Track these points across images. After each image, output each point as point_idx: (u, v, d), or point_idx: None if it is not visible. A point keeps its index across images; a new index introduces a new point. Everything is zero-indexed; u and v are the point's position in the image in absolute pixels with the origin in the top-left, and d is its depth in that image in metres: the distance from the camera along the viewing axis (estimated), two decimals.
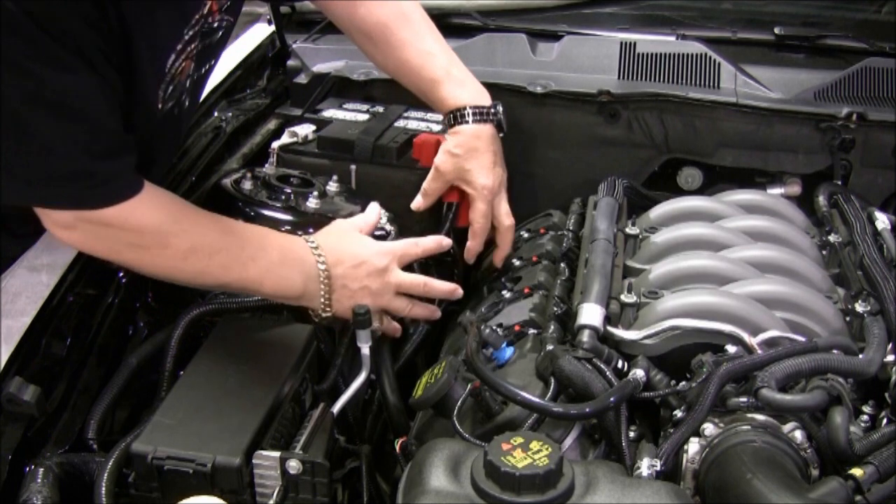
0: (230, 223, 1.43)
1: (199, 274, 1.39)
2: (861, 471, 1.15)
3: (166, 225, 1.33)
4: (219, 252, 1.37)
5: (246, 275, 1.40)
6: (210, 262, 1.37)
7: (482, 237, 1.76)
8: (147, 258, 1.35)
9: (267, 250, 1.42)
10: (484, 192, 1.71)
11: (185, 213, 1.38)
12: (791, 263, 1.55)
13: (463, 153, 1.70)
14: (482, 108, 1.71)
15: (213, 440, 1.25)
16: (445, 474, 1.11)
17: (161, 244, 1.33)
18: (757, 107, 1.94)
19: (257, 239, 1.43)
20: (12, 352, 1.32)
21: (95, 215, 1.28)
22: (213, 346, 1.45)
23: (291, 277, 1.44)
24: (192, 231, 1.36)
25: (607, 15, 2.30)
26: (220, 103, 1.99)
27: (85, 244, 1.36)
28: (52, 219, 1.30)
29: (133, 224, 1.31)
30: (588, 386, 1.28)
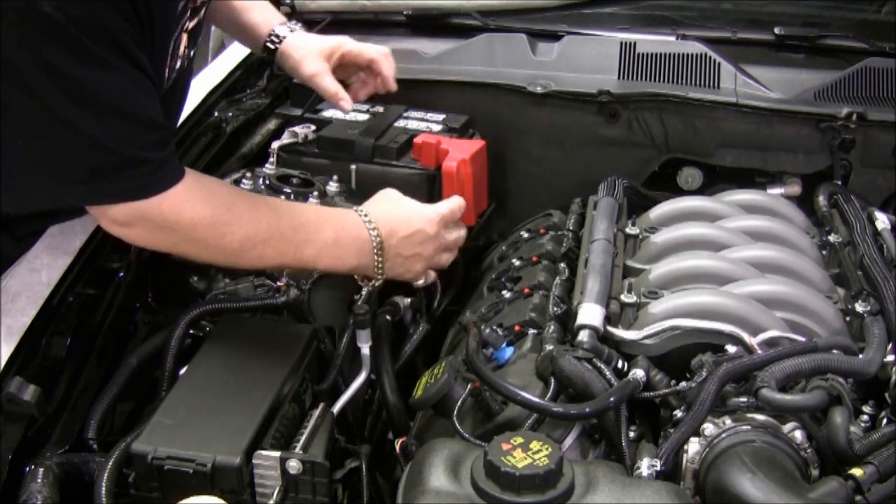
0: (281, 205, 1.47)
1: (256, 260, 1.42)
2: (861, 471, 1.15)
3: (219, 215, 1.35)
4: (273, 238, 1.40)
5: (301, 256, 1.44)
6: (265, 249, 1.39)
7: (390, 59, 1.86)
8: (205, 250, 1.37)
9: (320, 231, 1.45)
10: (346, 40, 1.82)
11: (237, 200, 1.39)
12: (791, 263, 1.55)
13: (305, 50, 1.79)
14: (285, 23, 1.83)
15: (213, 440, 1.25)
16: (445, 474, 1.11)
17: (217, 235, 1.35)
18: (757, 107, 1.94)
19: (310, 220, 1.45)
20: (12, 352, 1.32)
21: (151, 211, 1.29)
22: (213, 346, 1.45)
23: (346, 255, 1.48)
24: (245, 219, 1.37)
25: (607, 15, 2.30)
26: (220, 103, 1.99)
27: (145, 240, 1.37)
28: (110, 217, 1.30)
29: (188, 217, 1.32)
30: (588, 386, 1.28)
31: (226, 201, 1.37)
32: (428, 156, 1.81)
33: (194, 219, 1.32)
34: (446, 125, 1.94)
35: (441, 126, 1.93)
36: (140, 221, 1.30)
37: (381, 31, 2.26)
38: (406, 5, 2.26)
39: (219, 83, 2.00)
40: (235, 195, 1.42)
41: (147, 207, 1.28)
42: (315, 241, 1.43)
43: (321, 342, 1.54)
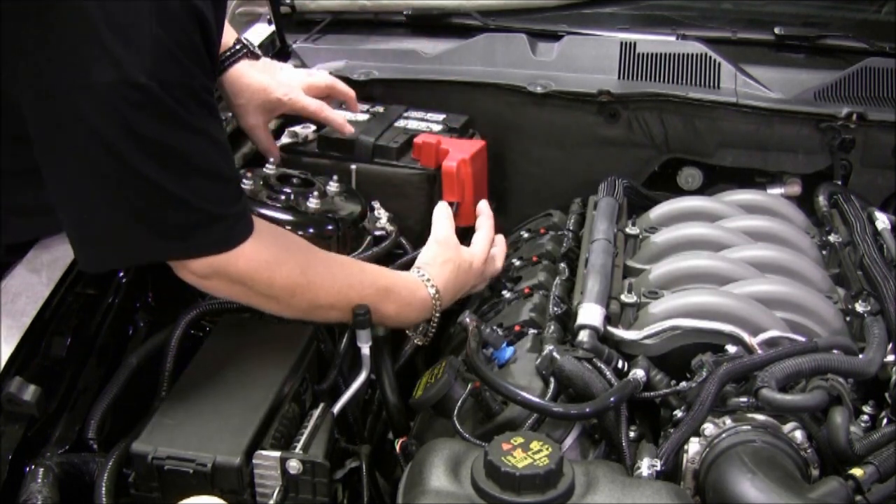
0: (353, 271, 1.47)
1: (322, 318, 1.45)
2: (861, 471, 1.15)
3: (294, 278, 1.36)
4: (340, 303, 1.42)
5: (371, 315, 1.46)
6: (330, 313, 1.43)
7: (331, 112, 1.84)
8: (276, 305, 1.39)
9: (385, 303, 1.46)
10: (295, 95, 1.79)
11: (311, 262, 1.40)
12: (791, 263, 1.55)
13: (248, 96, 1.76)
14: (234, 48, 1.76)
15: (213, 440, 1.25)
16: (445, 474, 1.11)
17: (289, 295, 1.37)
18: (757, 107, 1.94)
19: (378, 291, 1.46)
20: (12, 352, 1.32)
21: (229, 267, 1.30)
22: (213, 346, 1.45)
23: (407, 322, 1.54)
24: (317, 283, 1.39)
25: (607, 15, 2.30)
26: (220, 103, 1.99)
27: (222, 291, 1.39)
28: (189, 269, 1.31)
29: (265, 277, 1.33)
30: (588, 386, 1.28)
31: (300, 263, 1.38)
32: (428, 156, 1.81)
33: (269, 278, 1.34)
34: (446, 125, 1.94)
35: (441, 126, 1.93)
36: (218, 275, 1.31)
37: (381, 31, 2.26)
38: (406, 5, 2.26)
39: None
40: (310, 256, 1.42)
41: (225, 263, 1.29)
42: (378, 311, 1.45)
43: (321, 342, 1.54)
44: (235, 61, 1.76)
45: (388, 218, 1.76)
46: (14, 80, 1.18)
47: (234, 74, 1.76)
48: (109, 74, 1.12)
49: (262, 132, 1.81)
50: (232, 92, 1.77)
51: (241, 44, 1.78)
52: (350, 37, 2.19)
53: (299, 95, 1.81)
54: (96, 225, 1.24)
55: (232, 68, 1.76)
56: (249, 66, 1.77)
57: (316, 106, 1.82)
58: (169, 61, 1.16)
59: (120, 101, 1.13)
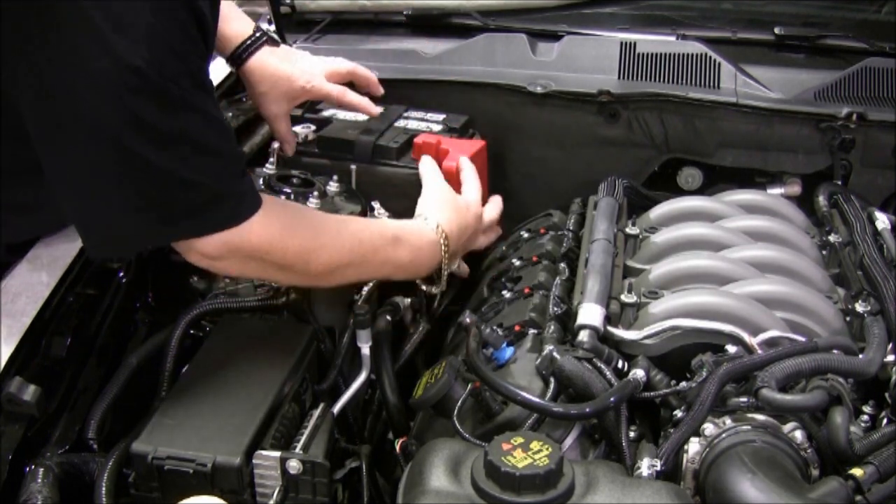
0: (361, 227, 1.50)
1: (339, 280, 1.47)
2: (861, 471, 1.15)
3: (306, 243, 1.38)
4: (355, 261, 1.45)
5: (380, 274, 1.55)
6: (347, 271, 1.45)
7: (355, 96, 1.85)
8: (292, 276, 1.41)
9: (398, 251, 1.51)
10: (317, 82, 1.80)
11: (321, 225, 1.43)
12: (791, 263, 1.55)
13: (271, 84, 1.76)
14: (250, 38, 1.75)
15: (213, 440, 1.25)
16: (445, 474, 1.11)
17: (304, 262, 1.38)
18: (757, 107, 1.94)
19: (388, 241, 1.51)
20: (12, 352, 1.32)
21: (241, 242, 1.30)
22: (213, 346, 1.45)
23: (421, 269, 1.58)
24: (329, 245, 1.41)
25: (607, 15, 2.30)
26: (221, 103, 1.99)
27: (235, 270, 1.41)
28: (199, 251, 1.31)
29: (278, 247, 1.35)
30: (588, 386, 1.28)
31: (311, 227, 1.41)
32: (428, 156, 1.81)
33: (283, 248, 1.35)
34: (446, 125, 1.94)
35: (441, 126, 1.93)
36: (230, 253, 1.31)
37: (381, 31, 2.26)
38: (406, 5, 2.26)
39: (219, 83, 2.00)
40: (318, 220, 1.46)
41: (237, 238, 1.30)
42: (392, 260, 1.50)
43: (321, 342, 1.54)
44: (256, 49, 1.76)
45: (388, 218, 1.76)
46: (14, 80, 1.18)
47: (255, 62, 1.76)
48: (107, 61, 1.13)
49: (283, 121, 1.82)
50: (254, 80, 1.77)
51: (261, 31, 1.78)
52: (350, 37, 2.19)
53: (322, 83, 1.82)
54: (102, 213, 1.24)
55: (253, 56, 1.76)
56: (270, 53, 1.77)
57: (338, 92, 1.83)
58: (165, 46, 1.16)
59: (119, 87, 1.14)
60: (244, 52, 1.75)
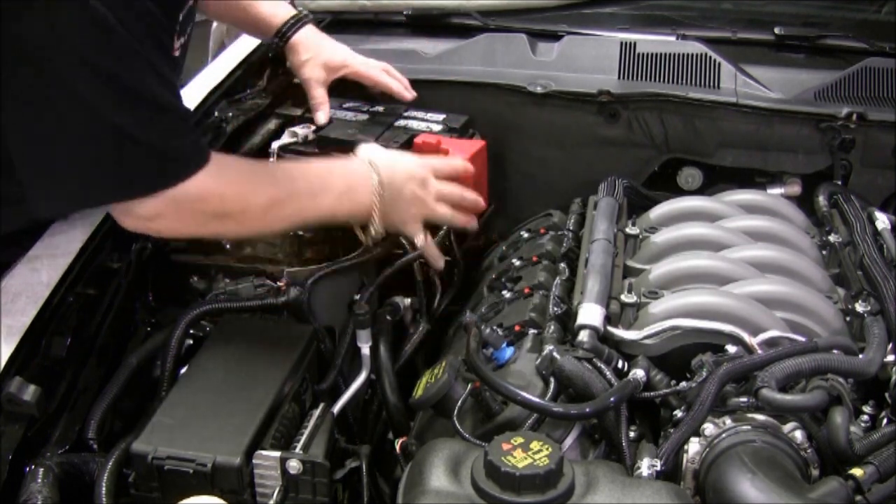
0: (292, 166, 1.55)
1: (279, 222, 1.48)
2: (861, 471, 1.15)
3: (241, 185, 1.40)
4: (291, 198, 1.45)
5: (320, 209, 1.50)
6: (285, 210, 1.45)
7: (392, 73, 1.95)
8: (232, 224, 1.42)
9: (333, 182, 1.52)
10: (358, 60, 1.91)
11: (252, 169, 1.46)
12: (791, 263, 1.55)
13: (314, 52, 1.88)
14: (298, 14, 1.91)
15: (213, 440, 1.25)
16: (445, 474, 1.11)
17: (242, 206, 1.40)
18: (757, 107, 1.94)
19: (321, 174, 1.54)
20: (12, 352, 1.32)
21: (179, 196, 1.31)
22: (213, 346, 1.45)
23: (359, 198, 1.54)
24: (265, 185, 1.43)
25: (607, 15, 2.30)
26: (221, 103, 1.99)
27: (173, 229, 1.40)
28: (137, 214, 1.32)
29: (216, 191, 1.36)
30: (588, 386, 1.28)
31: (243, 171, 1.43)
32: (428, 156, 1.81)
33: (220, 194, 1.36)
34: (446, 125, 1.94)
35: (441, 126, 1.93)
36: (168, 210, 1.32)
37: (381, 31, 2.26)
38: (406, 5, 2.26)
39: (219, 83, 2.00)
40: (248, 164, 1.49)
41: (178, 193, 1.31)
42: (330, 191, 1.50)
43: (321, 342, 1.54)
44: (303, 25, 1.89)
45: None
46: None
47: (301, 35, 1.89)
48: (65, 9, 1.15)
49: (320, 86, 1.88)
50: (298, 49, 1.88)
51: (307, 13, 1.93)
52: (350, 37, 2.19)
53: (361, 61, 1.92)
54: (46, 168, 1.25)
55: (301, 30, 1.89)
56: (315, 30, 1.92)
57: (376, 72, 1.91)
58: None
59: (71, 24, 1.15)
60: (294, 26, 1.88)
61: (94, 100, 1.20)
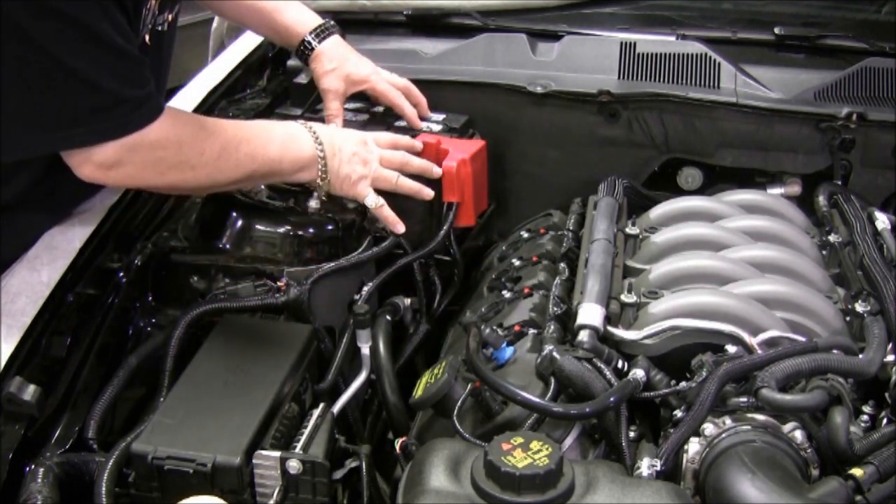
0: (233, 121, 1.58)
1: (233, 168, 1.50)
2: (861, 471, 1.15)
3: (196, 132, 1.44)
4: (242, 142, 1.50)
5: (268, 156, 1.54)
6: (238, 154, 1.49)
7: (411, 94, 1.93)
8: (189, 172, 1.44)
9: (274, 132, 1.58)
10: (380, 78, 1.90)
11: (200, 118, 1.50)
12: (791, 263, 1.55)
13: (338, 64, 1.88)
14: (323, 25, 1.90)
15: (213, 440, 1.25)
16: (445, 474, 1.11)
17: (198, 152, 1.43)
18: (757, 107, 1.94)
19: (264, 126, 1.60)
20: (12, 352, 1.32)
21: (140, 141, 1.34)
22: (213, 346, 1.45)
23: (301, 146, 1.59)
24: (216, 131, 1.47)
25: (607, 15, 2.30)
26: (221, 103, 1.99)
27: (131, 178, 1.42)
28: (95, 161, 1.34)
29: (174, 139, 1.39)
30: (588, 386, 1.28)
31: (195, 121, 1.48)
32: (428, 156, 1.81)
33: (178, 141, 1.40)
34: (446, 125, 1.94)
35: (441, 126, 1.93)
36: (127, 158, 1.35)
37: (381, 31, 2.26)
38: (406, 5, 2.26)
39: (219, 83, 2.00)
40: (195, 115, 1.53)
41: (136, 140, 1.34)
42: (274, 138, 1.55)
43: (321, 342, 1.54)
44: (329, 35, 1.89)
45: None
46: None
47: (329, 44, 1.89)
48: None
49: (337, 98, 1.88)
50: (322, 59, 1.88)
51: (333, 23, 1.92)
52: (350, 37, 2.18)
53: (384, 78, 1.91)
54: (2, 110, 1.26)
55: (328, 39, 1.89)
56: (342, 42, 1.91)
57: (395, 94, 1.90)
58: None
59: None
60: (320, 35, 1.88)
61: (50, 42, 1.22)
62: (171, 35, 1.63)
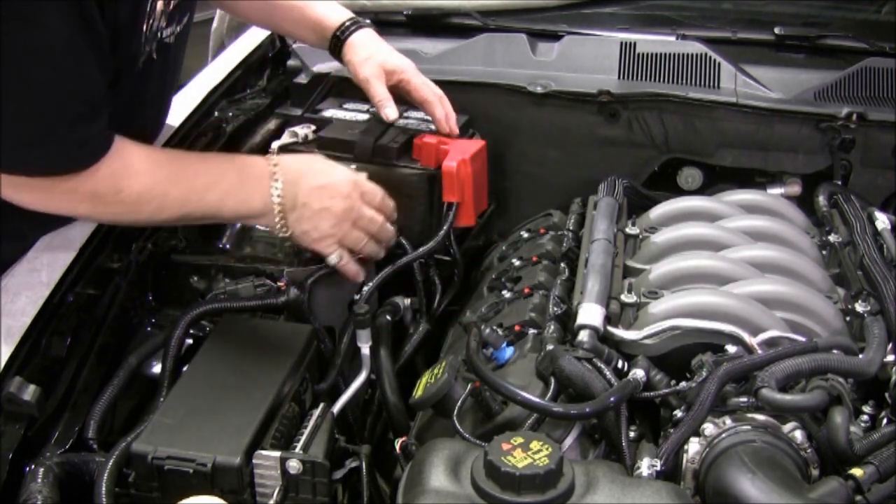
0: (183, 154, 1.46)
1: (156, 212, 1.41)
2: (861, 471, 1.15)
3: (118, 170, 1.35)
4: (175, 186, 1.39)
5: (205, 202, 1.43)
6: (166, 199, 1.39)
7: (444, 102, 1.84)
8: (101, 208, 1.38)
9: (224, 174, 1.45)
10: (412, 68, 1.84)
11: (136, 154, 1.39)
12: (791, 263, 1.55)
13: (373, 51, 1.82)
14: (355, 18, 1.86)
15: (213, 440, 1.25)
16: (445, 474, 1.11)
17: (115, 190, 1.35)
18: (757, 107, 1.94)
19: (215, 165, 1.46)
20: (12, 352, 1.32)
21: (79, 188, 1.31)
22: (213, 346, 1.45)
23: (251, 197, 1.46)
24: (145, 171, 1.37)
25: (607, 15, 2.30)
26: (221, 103, 1.99)
27: (40, 204, 1.37)
28: (7, 179, 1.29)
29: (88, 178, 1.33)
30: (588, 386, 1.28)
31: (123, 155, 1.36)
32: (428, 156, 1.81)
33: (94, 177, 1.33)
34: None
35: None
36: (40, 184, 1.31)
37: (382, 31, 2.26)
38: (406, 5, 2.26)
39: (219, 83, 2.00)
40: (133, 147, 1.40)
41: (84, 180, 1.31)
42: (218, 184, 1.43)
43: (321, 342, 1.54)
44: (360, 28, 1.84)
45: None
46: None
47: (359, 36, 1.83)
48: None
49: (380, 82, 1.80)
50: (356, 49, 1.82)
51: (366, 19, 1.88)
52: None
53: (419, 74, 1.85)
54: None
55: (358, 32, 1.83)
56: (374, 34, 1.86)
57: (429, 91, 1.83)
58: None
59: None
60: (351, 27, 1.83)
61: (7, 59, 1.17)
62: (180, 46, 1.58)
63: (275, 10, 1.88)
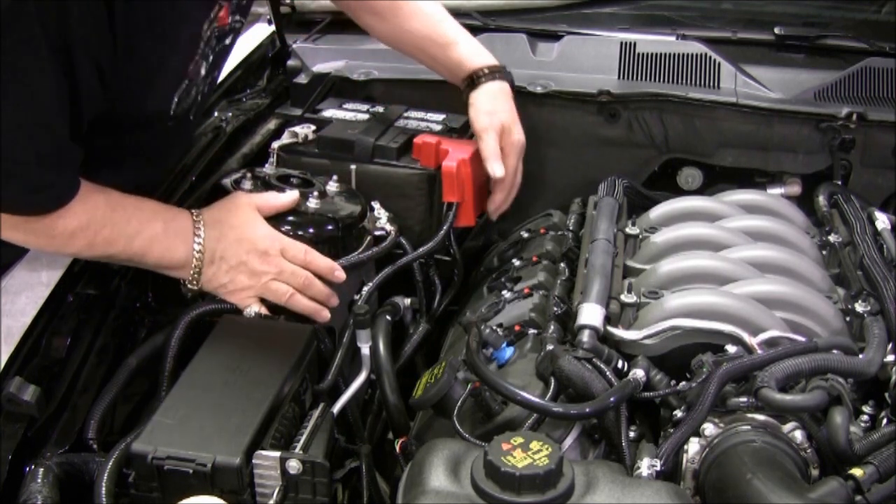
0: (120, 197, 1.46)
1: (85, 248, 1.43)
2: (861, 471, 1.15)
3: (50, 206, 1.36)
4: (104, 228, 1.41)
5: (130, 247, 1.45)
6: (95, 239, 1.41)
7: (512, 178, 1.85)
8: (32, 238, 1.40)
9: (152, 222, 1.46)
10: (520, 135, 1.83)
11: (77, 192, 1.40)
12: (791, 263, 1.55)
13: (499, 108, 1.82)
14: (497, 67, 1.85)
15: (213, 440, 1.25)
16: (445, 474, 1.11)
17: (48, 226, 1.37)
18: (757, 107, 1.94)
19: (144, 212, 1.47)
20: (12, 352, 1.32)
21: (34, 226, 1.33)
22: (213, 346, 1.45)
23: (174, 246, 1.48)
24: (78, 211, 1.38)
25: (607, 15, 2.30)
26: (220, 103, 1.99)
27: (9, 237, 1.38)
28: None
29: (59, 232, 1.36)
30: (588, 386, 1.28)
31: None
32: (428, 156, 1.81)
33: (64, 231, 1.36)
34: (446, 125, 1.94)
35: (441, 126, 1.93)
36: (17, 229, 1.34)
37: None
38: None
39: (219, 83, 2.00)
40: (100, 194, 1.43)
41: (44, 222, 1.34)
42: (145, 231, 1.45)
43: (321, 342, 1.54)
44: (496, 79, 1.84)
45: (387, 218, 1.76)
46: None
47: (493, 86, 1.84)
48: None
49: (492, 138, 1.80)
50: (482, 98, 1.83)
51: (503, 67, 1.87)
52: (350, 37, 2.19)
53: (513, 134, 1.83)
54: None
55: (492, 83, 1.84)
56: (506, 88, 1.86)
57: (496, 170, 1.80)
58: None
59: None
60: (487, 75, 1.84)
61: None
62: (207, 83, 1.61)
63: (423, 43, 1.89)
